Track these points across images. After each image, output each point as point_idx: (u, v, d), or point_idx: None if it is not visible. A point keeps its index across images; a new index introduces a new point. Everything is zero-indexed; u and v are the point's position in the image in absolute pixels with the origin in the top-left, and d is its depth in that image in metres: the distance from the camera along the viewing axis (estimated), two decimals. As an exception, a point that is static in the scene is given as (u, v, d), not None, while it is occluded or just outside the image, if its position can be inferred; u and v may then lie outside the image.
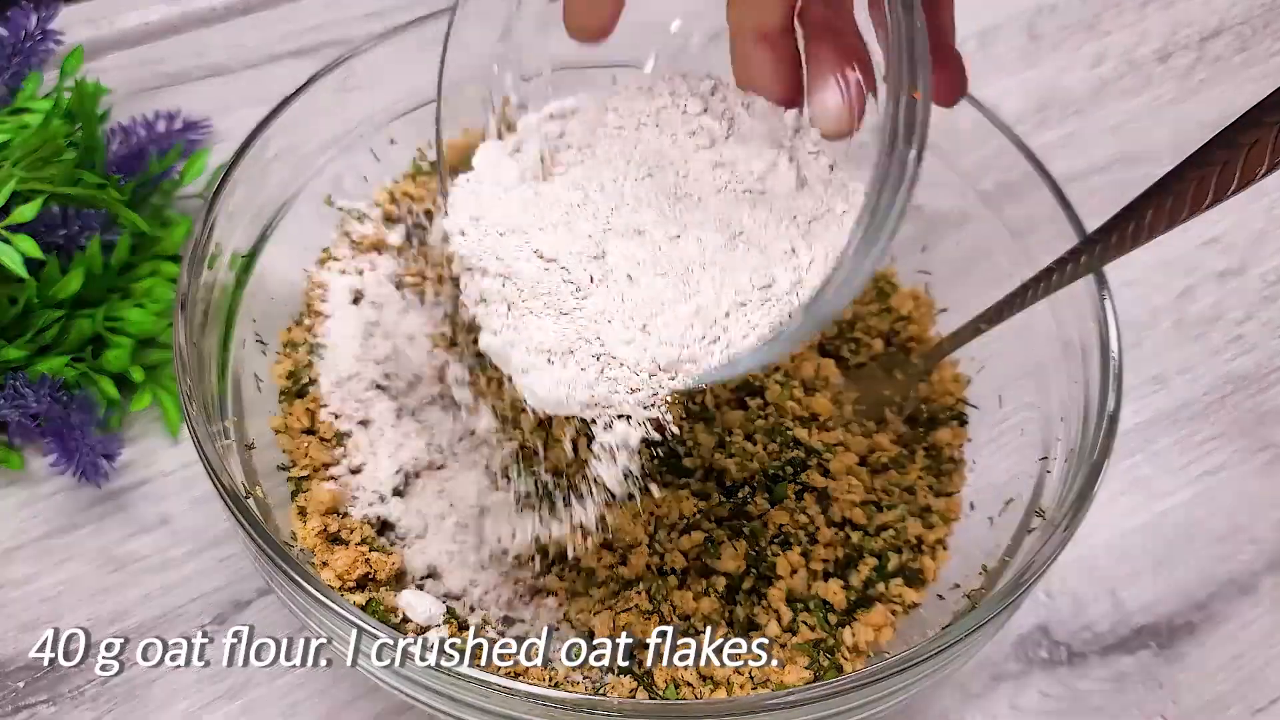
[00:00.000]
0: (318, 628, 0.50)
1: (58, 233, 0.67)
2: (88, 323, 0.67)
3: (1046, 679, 0.63)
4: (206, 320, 0.57)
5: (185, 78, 0.85)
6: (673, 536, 0.58)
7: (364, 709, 0.60)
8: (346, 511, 0.58)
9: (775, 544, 0.58)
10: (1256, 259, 0.81)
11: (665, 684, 0.54)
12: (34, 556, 0.64)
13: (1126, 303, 0.77)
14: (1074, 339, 0.59)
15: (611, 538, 0.57)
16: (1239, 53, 0.93)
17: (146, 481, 0.67)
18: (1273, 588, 0.67)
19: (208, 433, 0.52)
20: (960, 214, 0.67)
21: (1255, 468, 0.72)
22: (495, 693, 0.45)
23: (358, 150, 0.66)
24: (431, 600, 0.55)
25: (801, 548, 0.58)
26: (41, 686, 0.60)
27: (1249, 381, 0.76)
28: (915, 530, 0.60)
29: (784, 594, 0.56)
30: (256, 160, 0.60)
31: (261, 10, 0.90)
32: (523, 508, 0.56)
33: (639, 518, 0.58)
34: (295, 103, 0.61)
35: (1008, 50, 0.93)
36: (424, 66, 0.67)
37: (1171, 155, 0.47)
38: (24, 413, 0.65)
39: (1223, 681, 0.64)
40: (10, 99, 0.74)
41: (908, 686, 0.49)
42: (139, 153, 0.75)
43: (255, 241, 0.62)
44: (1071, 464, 0.55)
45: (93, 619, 0.62)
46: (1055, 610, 0.66)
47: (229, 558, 0.64)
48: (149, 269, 0.70)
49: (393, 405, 0.61)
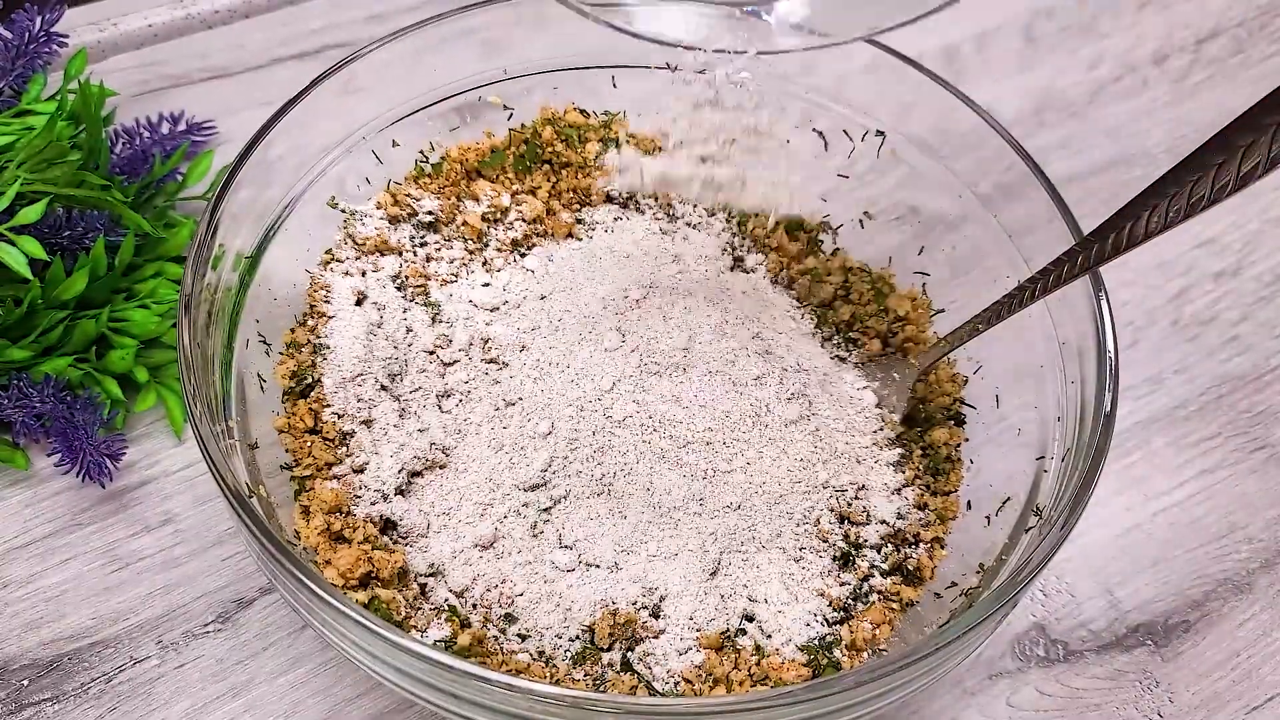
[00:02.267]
0: (321, 626, 0.50)
1: (62, 234, 0.68)
2: (92, 324, 0.67)
3: (1043, 677, 0.64)
4: (210, 321, 0.58)
5: (188, 80, 0.86)
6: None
7: (366, 707, 0.61)
8: (349, 510, 0.58)
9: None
10: (1252, 260, 0.82)
11: (665, 681, 0.54)
12: (38, 555, 0.64)
13: (1123, 303, 0.78)
14: (1071, 339, 0.59)
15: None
16: (1235, 55, 0.93)
17: (150, 481, 0.67)
18: (1268, 586, 0.68)
19: (211, 432, 0.52)
20: (958, 215, 0.67)
21: (1251, 467, 0.72)
22: (496, 690, 0.45)
23: (360, 152, 0.67)
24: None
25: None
26: (46, 685, 0.60)
27: (1245, 382, 0.76)
28: (913, 529, 0.60)
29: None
30: (260, 162, 0.61)
31: (264, 13, 0.91)
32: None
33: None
34: (298, 105, 0.62)
35: (1005, 53, 0.93)
36: (426, 69, 0.67)
37: (1168, 157, 0.48)
38: (29, 413, 0.65)
39: (1219, 680, 0.64)
40: (15, 101, 0.74)
41: (906, 684, 0.49)
42: (143, 155, 0.75)
43: (259, 243, 0.62)
44: (1068, 463, 0.55)
45: (96, 617, 0.62)
46: (1052, 609, 0.66)
47: (232, 556, 0.65)
48: (153, 270, 0.71)
49: (396, 405, 0.62)
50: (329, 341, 0.63)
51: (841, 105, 0.70)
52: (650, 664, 0.55)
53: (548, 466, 0.59)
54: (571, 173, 0.70)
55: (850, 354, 0.67)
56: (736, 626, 0.56)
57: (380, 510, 0.58)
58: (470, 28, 0.67)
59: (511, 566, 0.57)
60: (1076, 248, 0.54)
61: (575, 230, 0.69)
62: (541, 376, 0.61)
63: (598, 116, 0.72)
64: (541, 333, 0.63)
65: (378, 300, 0.65)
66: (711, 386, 0.60)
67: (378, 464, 0.59)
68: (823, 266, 0.70)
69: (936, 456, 0.63)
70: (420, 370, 0.63)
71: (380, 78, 0.65)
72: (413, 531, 0.58)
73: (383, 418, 0.61)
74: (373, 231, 0.67)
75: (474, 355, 0.63)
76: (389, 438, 0.60)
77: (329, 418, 0.61)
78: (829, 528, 0.59)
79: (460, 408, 0.62)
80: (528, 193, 0.70)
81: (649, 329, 0.61)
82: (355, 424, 0.61)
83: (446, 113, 0.70)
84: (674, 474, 0.58)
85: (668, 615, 0.56)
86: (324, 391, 0.61)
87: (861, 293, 0.69)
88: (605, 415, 0.59)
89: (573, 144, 0.70)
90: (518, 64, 0.70)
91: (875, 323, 0.68)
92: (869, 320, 0.68)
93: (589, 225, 0.70)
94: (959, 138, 0.65)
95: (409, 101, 0.68)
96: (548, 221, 0.69)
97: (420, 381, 0.63)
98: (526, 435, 0.59)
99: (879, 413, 0.64)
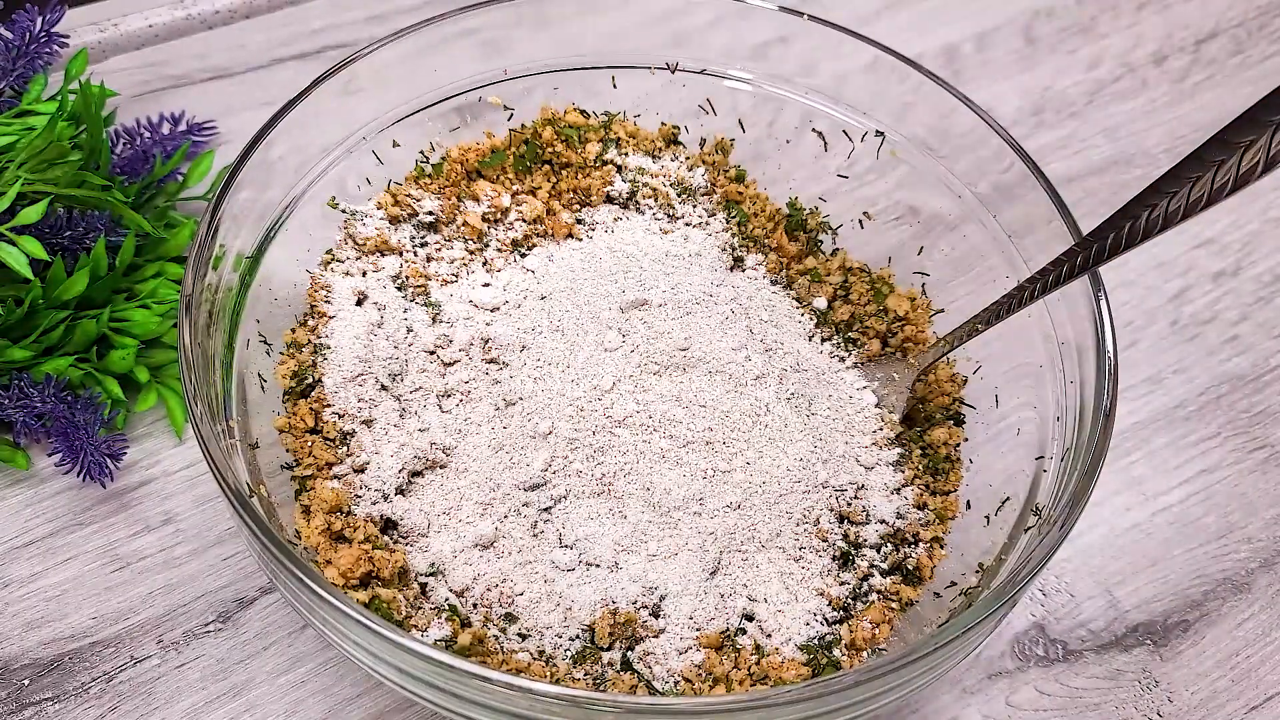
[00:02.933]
0: (321, 625, 0.50)
1: (63, 234, 0.68)
2: (93, 324, 0.67)
3: (1043, 677, 0.64)
4: (211, 321, 0.58)
5: (189, 80, 0.86)
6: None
7: (366, 706, 0.61)
8: (350, 510, 0.58)
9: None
10: (1251, 260, 0.82)
11: (665, 680, 0.54)
12: (39, 555, 0.64)
13: (1123, 303, 0.78)
14: (1070, 339, 0.59)
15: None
16: (1234, 55, 0.93)
17: (151, 481, 0.67)
18: (1267, 586, 0.68)
19: (212, 432, 0.52)
20: (957, 215, 0.67)
21: (1250, 467, 0.72)
22: (497, 689, 0.45)
23: (361, 152, 0.67)
24: None
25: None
26: (46, 684, 0.60)
27: (1244, 382, 0.76)
28: (912, 528, 0.60)
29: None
30: (260, 163, 0.61)
31: (264, 13, 0.91)
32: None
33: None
34: (299, 105, 0.62)
35: (1005, 53, 0.93)
36: (426, 70, 0.67)
37: (1167, 157, 0.48)
38: (30, 413, 0.65)
39: (1218, 679, 0.65)
40: (16, 101, 0.74)
41: (905, 683, 0.49)
42: (143, 155, 0.75)
43: (259, 243, 0.62)
44: (1067, 463, 0.55)
45: (97, 617, 0.62)
46: (1051, 608, 0.66)
47: (232, 556, 0.65)
48: (154, 270, 0.71)
49: (396, 405, 0.62)
50: (329, 341, 0.63)
51: (841, 105, 0.70)
52: (650, 663, 0.55)
53: (548, 466, 0.59)
54: (572, 173, 0.70)
55: (850, 354, 0.67)
56: (736, 626, 0.57)
57: (381, 510, 0.58)
58: (470, 28, 0.67)
59: (512, 566, 0.57)
60: (1076, 247, 0.54)
61: (575, 230, 0.69)
62: (542, 376, 0.61)
63: (598, 117, 0.72)
64: (542, 333, 0.63)
65: (378, 300, 0.65)
66: (712, 386, 0.60)
67: (378, 464, 0.59)
68: (822, 266, 0.70)
69: (936, 456, 0.63)
70: (420, 370, 0.63)
71: (380, 78, 0.65)
72: (413, 531, 0.58)
73: (383, 417, 0.61)
74: (373, 232, 0.67)
75: (474, 355, 0.63)
76: (389, 437, 0.60)
77: (329, 417, 0.61)
78: (828, 527, 0.60)
79: (461, 408, 0.62)
80: (528, 193, 0.70)
81: (649, 329, 0.61)
82: (356, 424, 0.61)
83: (447, 113, 0.70)
84: (674, 473, 0.58)
85: (668, 615, 0.56)
86: (324, 391, 0.61)
87: (861, 293, 0.69)
88: (605, 415, 0.59)
89: (573, 144, 0.70)
90: (518, 64, 0.70)
91: (875, 323, 0.68)
92: (868, 320, 0.68)
93: (589, 225, 0.70)
94: (958, 138, 0.65)
95: (409, 102, 0.68)
96: (548, 222, 0.69)
97: (420, 381, 0.63)
98: (527, 435, 0.59)
99: (878, 412, 0.64)
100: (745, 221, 0.71)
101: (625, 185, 0.70)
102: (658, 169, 0.71)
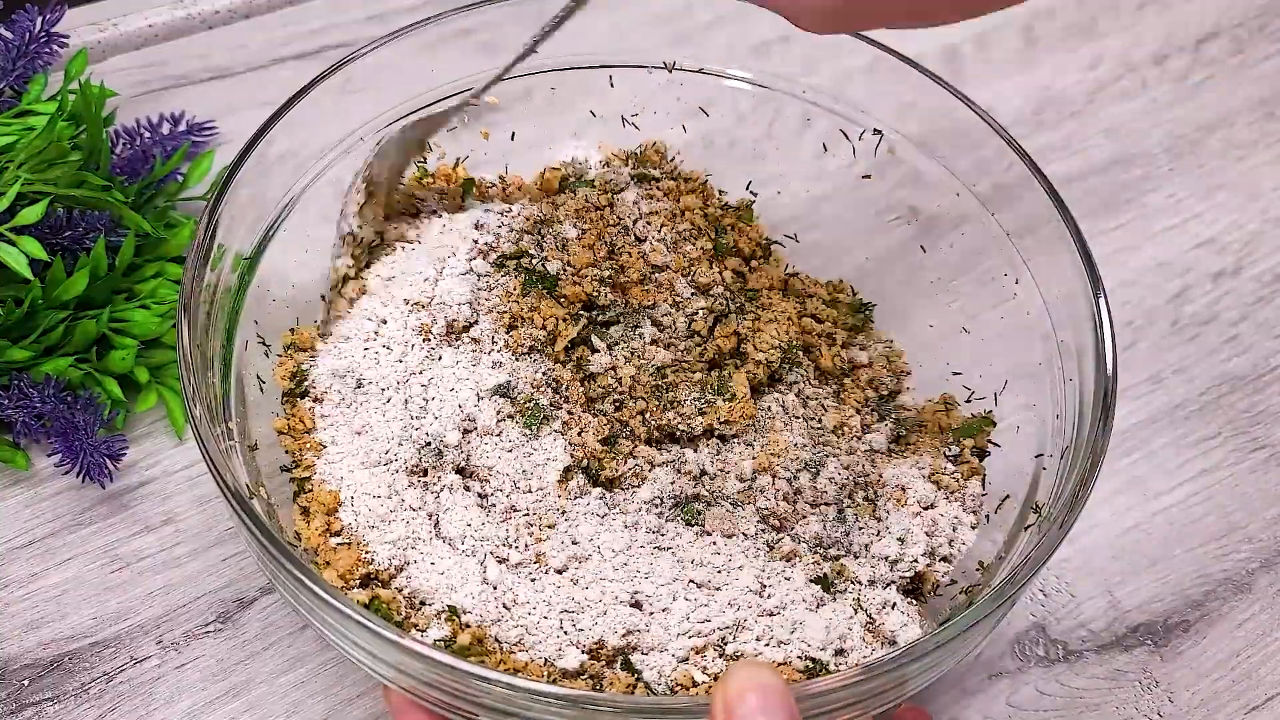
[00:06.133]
0: (321, 626, 0.50)
1: (62, 235, 0.68)
2: (92, 324, 0.67)
3: (1043, 677, 0.64)
4: (210, 322, 0.57)
5: (189, 80, 0.86)
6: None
7: (366, 706, 0.61)
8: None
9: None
10: (1252, 260, 0.82)
11: (665, 680, 0.54)
12: (38, 555, 0.64)
13: (1123, 303, 0.78)
14: (1070, 339, 0.59)
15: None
16: (1234, 55, 0.93)
17: (151, 481, 0.67)
18: (1268, 586, 0.68)
19: (211, 433, 0.52)
20: (957, 216, 0.67)
21: (1251, 467, 0.72)
22: (496, 689, 0.46)
23: (360, 152, 0.67)
24: None
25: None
26: (46, 685, 0.60)
27: (1244, 382, 0.76)
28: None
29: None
30: (259, 162, 0.61)
31: (264, 13, 0.91)
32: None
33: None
34: (297, 105, 0.62)
35: (1004, 53, 0.93)
36: (425, 70, 0.67)
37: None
38: (29, 413, 0.65)
39: (1219, 679, 0.65)
40: (15, 101, 0.74)
41: (904, 683, 0.49)
42: (143, 155, 0.75)
43: (258, 243, 0.62)
44: (1067, 461, 0.55)
45: (97, 617, 0.62)
46: (1052, 608, 0.66)
47: (232, 556, 0.65)
48: (154, 270, 0.71)
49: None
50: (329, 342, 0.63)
51: (841, 105, 0.70)
52: (650, 663, 0.55)
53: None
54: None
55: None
56: (736, 625, 0.56)
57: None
58: (469, 28, 0.67)
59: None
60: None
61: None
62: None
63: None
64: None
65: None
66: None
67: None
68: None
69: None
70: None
71: (380, 78, 0.65)
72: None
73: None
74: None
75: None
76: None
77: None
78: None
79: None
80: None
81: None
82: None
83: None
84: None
85: (668, 614, 0.56)
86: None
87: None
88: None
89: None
90: (517, 64, 0.70)
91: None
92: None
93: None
94: (959, 138, 0.65)
95: (408, 101, 0.68)
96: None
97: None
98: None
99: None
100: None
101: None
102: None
